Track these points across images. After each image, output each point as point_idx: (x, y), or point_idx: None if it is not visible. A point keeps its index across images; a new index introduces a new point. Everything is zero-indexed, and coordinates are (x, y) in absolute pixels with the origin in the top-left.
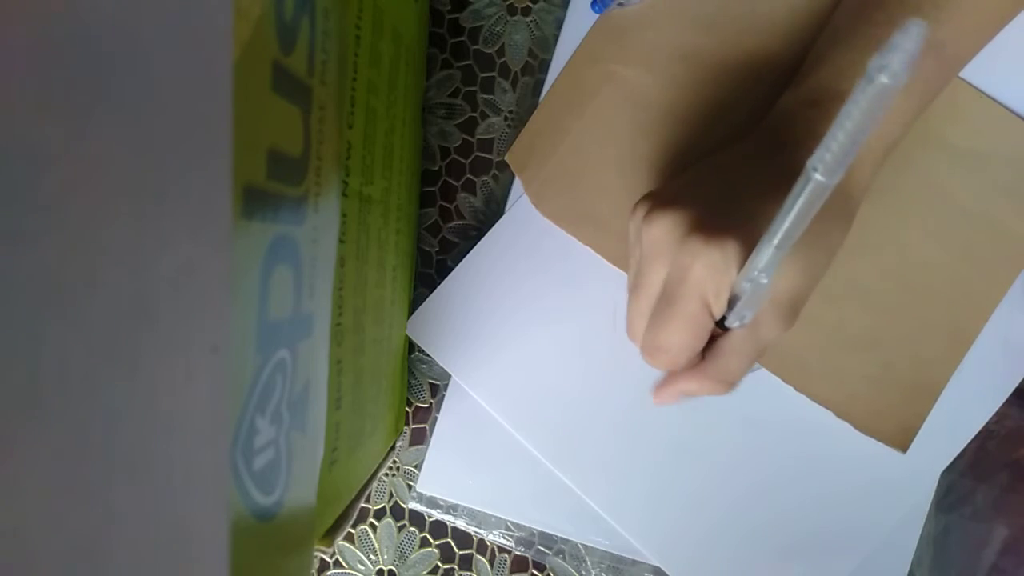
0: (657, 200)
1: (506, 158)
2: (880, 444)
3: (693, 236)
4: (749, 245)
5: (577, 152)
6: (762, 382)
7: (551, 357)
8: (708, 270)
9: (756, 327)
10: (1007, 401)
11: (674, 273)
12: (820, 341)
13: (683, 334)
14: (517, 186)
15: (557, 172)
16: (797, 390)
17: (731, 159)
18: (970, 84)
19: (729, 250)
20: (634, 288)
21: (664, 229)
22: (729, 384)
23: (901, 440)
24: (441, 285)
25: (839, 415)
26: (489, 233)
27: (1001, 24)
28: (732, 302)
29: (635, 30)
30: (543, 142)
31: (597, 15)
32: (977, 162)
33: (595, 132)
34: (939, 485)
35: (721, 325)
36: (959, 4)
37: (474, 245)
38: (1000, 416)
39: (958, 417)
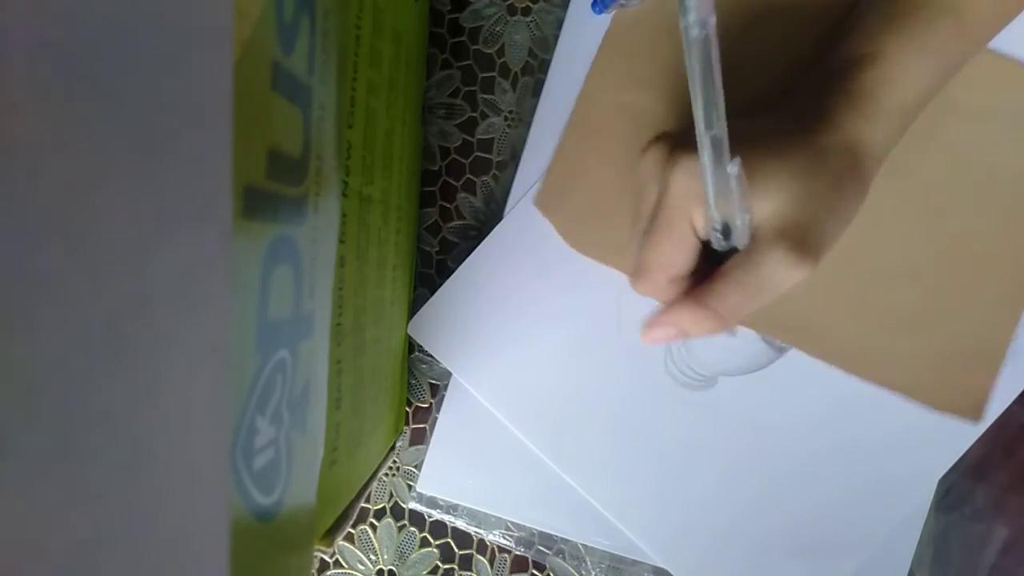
0: (656, 136)
1: (534, 204)
2: (879, 445)
3: (676, 152)
4: None
5: (605, 187)
6: (765, 383)
7: (554, 357)
8: (685, 177)
9: (756, 257)
10: None
11: (660, 191)
12: (876, 325)
13: (664, 247)
14: (517, 186)
15: (588, 210)
16: (863, 379)
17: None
18: None
19: None
20: (633, 225)
21: (652, 154)
22: (722, 319)
23: (975, 410)
24: (444, 286)
25: (909, 396)
26: (491, 234)
27: None
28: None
29: (636, 56)
30: (568, 184)
31: (597, 15)
32: (996, 120)
33: (619, 164)
34: (939, 485)
35: (717, 258)
36: None
37: (474, 245)
38: (1001, 417)
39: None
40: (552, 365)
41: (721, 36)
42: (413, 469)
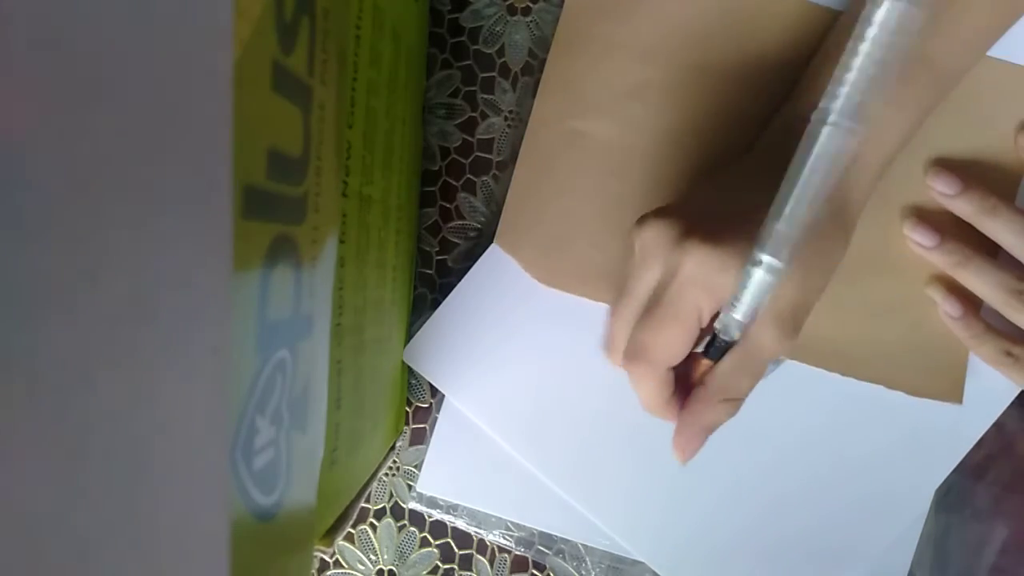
0: (653, 212)
1: (496, 243)
2: (878, 448)
3: (687, 238)
4: (744, 248)
5: (564, 217)
6: (763, 394)
7: (551, 377)
8: (699, 267)
9: (755, 344)
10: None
11: (666, 273)
12: (848, 319)
13: (668, 333)
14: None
15: (550, 242)
16: (844, 375)
17: (728, 176)
18: None
19: (725, 249)
20: (620, 298)
21: (657, 232)
22: (737, 403)
23: (954, 392)
24: (437, 311)
25: (889, 386)
26: (482, 257)
27: (996, 37)
28: (724, 312)
29: (581, 80)
30: (527, 218)
31: None
32: (963, 113)
33: (575, 192)
34: (939, 485)
35: (710, 354)
36: (954, 19)
37: (474, 245)
38: (1000, 417)
39: (960, 423)
40: (549, 386)
41: (686, 95)
42: (413, 469)
